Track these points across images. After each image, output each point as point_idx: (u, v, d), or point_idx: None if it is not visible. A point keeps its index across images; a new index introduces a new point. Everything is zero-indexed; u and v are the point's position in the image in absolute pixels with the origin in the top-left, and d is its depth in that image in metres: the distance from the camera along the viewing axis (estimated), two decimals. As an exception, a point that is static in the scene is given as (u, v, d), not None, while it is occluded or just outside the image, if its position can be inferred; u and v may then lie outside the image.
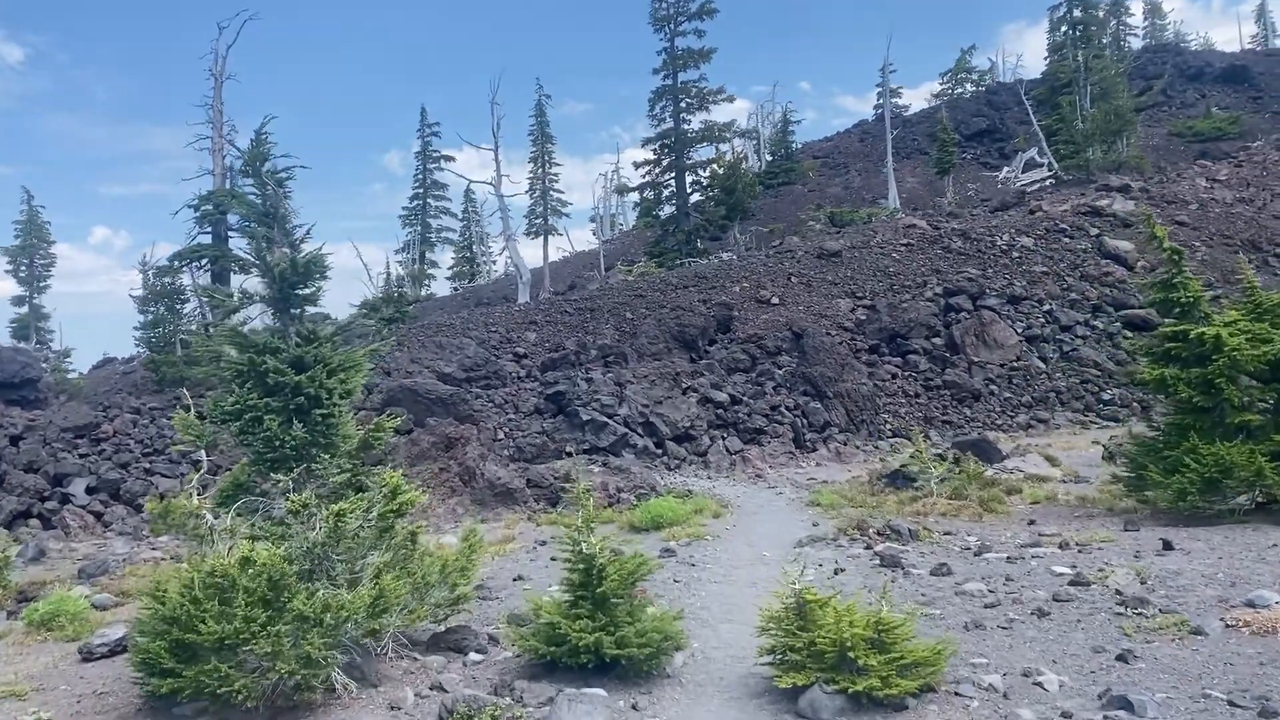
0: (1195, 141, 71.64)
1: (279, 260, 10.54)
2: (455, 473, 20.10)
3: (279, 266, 10.46)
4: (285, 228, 10.82)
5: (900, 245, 42.50)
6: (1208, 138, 71.50)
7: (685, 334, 34.87)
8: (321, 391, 10.23)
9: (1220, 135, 71.39)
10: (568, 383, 29.16)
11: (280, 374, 10.08)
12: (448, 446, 20.69)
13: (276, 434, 9.99)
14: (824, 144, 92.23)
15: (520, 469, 21.44)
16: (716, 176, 54.85)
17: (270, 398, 10.15)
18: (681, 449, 27.27)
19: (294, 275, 10.54)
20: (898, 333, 35.90)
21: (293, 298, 10.70)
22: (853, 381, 30.57)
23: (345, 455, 10.62)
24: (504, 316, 39.07)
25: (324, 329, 10.95)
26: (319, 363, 10.40)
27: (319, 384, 10.22)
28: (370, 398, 28.64)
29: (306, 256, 10.61)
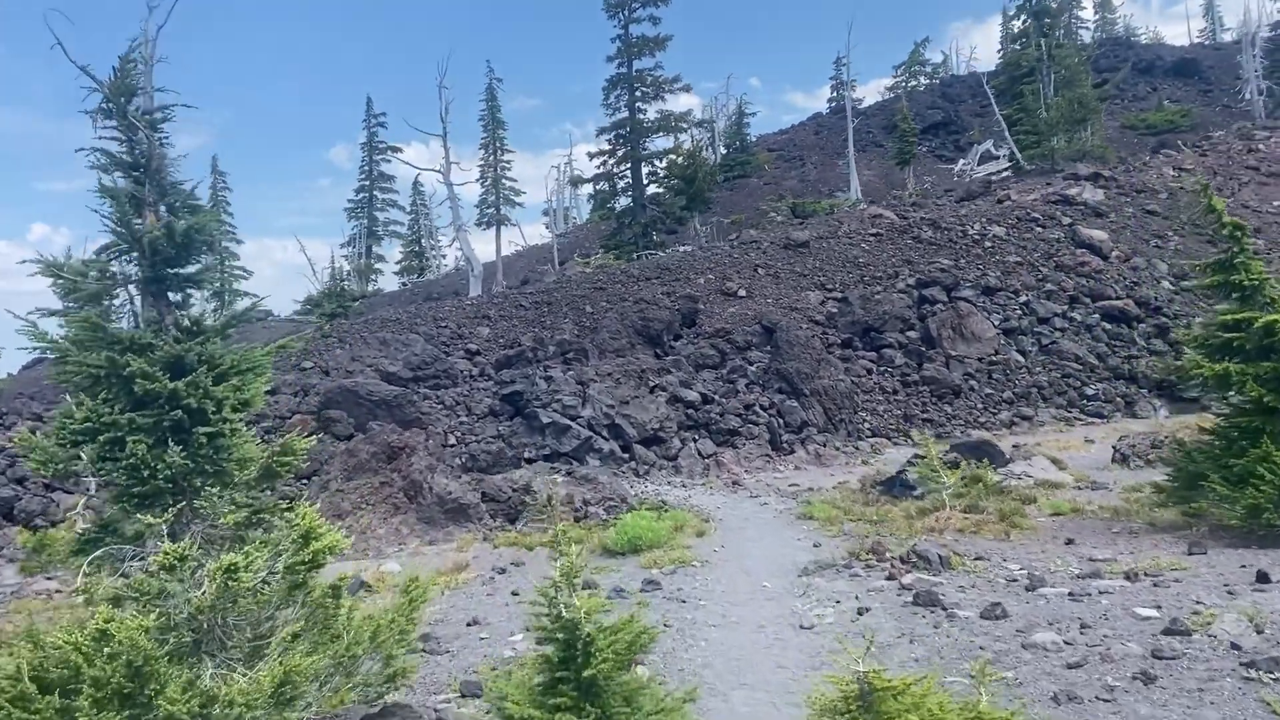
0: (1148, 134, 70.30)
1: (151, 228, 7.80)
2: (399, 487, 17.36)
3: (150, 236, 7.72)
4: (160, 184, 8.07)
5: (869, 235, 40.23)
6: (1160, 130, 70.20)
7: (649, 328, 32.29)
8: (207, 403, 7.51)
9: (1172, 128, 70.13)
10: (525, 382, 26.46)
11: (150, 380, 7.35)
12: (390, 457, 17.93)
13: (144, 460, 7.26)
14: (779, 137, 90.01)
15: (474, 480, 18.73)
16: (676, 166, 52.27)
17: (137, 412, 7.42)
18: (650, 453, 24.69)
19: (171, 247, 7.81)
20: (871, 326, 33.59)
21: (170, 278, 7.97)
22: (829, 378, 28.18)
23: (242, 486, 7.90)
24: (454, 311, 36.22)
25: (213, 320, 8.22)
26: (204, 363, 7.68)
27: (203, 392, 7.50)
28: (305, 401, 25.79)
29: (189, 224, 7.88)
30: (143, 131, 7.96)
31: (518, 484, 18.85)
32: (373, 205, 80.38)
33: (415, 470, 17.45)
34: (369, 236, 79.89)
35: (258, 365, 8.11)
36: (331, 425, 24.60)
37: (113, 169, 7.90)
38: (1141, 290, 36.93)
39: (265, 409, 25.21)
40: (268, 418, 25.12)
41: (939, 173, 73.91)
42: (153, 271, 7.81)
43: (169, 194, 8.09)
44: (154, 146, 8.01)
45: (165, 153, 8.19)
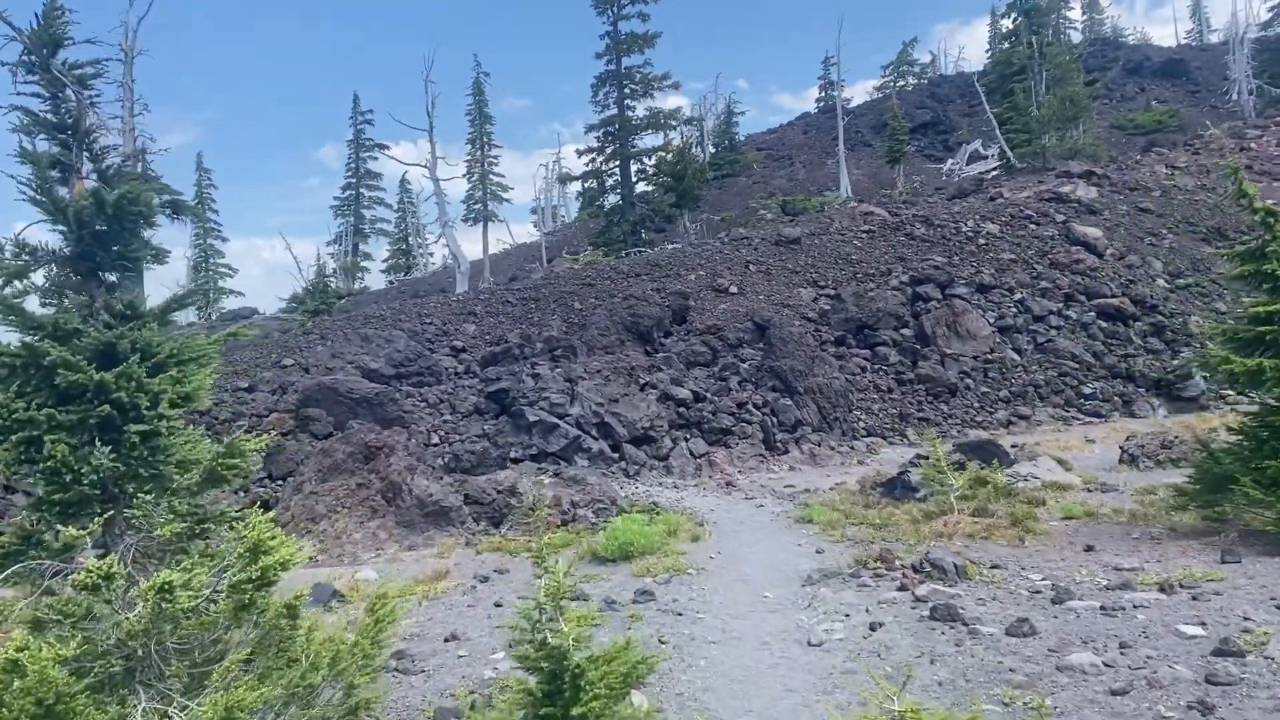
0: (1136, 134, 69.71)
1: (78, 198, 6.78)
2: (377, 489, 16.33)
3: (76, 206, 6.70)
4: (90, 149, 7.05)
5: (861, 232, 39.34)
6: (1148, 130, 69.62)
7: (639, 325, 31.32)
8: (140, 396, 6.49)
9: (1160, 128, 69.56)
10: (511, 379, 25.44)
11: (74, 370, 6.34)
12: (368, 457, 16.90)
13: (66, 462, 6.25)
14: (768, 136, 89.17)
15: (456, 481, 17.71)
16: (665, 163, 51.32)
17: (59, 407, 6.40)
18: (641, 452, 23.72)
19: (101, 220, 6.79)
20: (865, 323, 32.69)
21: (99, 255, 6.95)
22: (824, 376, 27.25)
23: (183, 492, 6.89)
24: (440, 307, 35.17)
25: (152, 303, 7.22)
26: (138, 352, 6.67)
27: (136, 385, 6.49)
28: (283, 399, 24.74)
29: (122, 193, 6.86)
30: (70, 88, 6.93)
31: (502, 485, 17.85)
32: (359, 203, 79.22)
33: (394, 471, 16.42)
34: (355, 234, 78.72)
35: (201, 355, 7.09)
36: (310, 424, 23.55)
37: (35, 130, 6.87)
38: (1137, 288, 36.14)
39: (243, 407, 24.19)
40: (244, 416, 24.07)
41: (927, 172, 73.13)
42: (79, 247, 6.78)
43: (100, 160, 7.05)
44: (83, 105, 6.98)
45: (98, 114, 7.16)
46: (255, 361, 29.59)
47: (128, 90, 46.78)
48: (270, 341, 32.70)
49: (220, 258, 79.62)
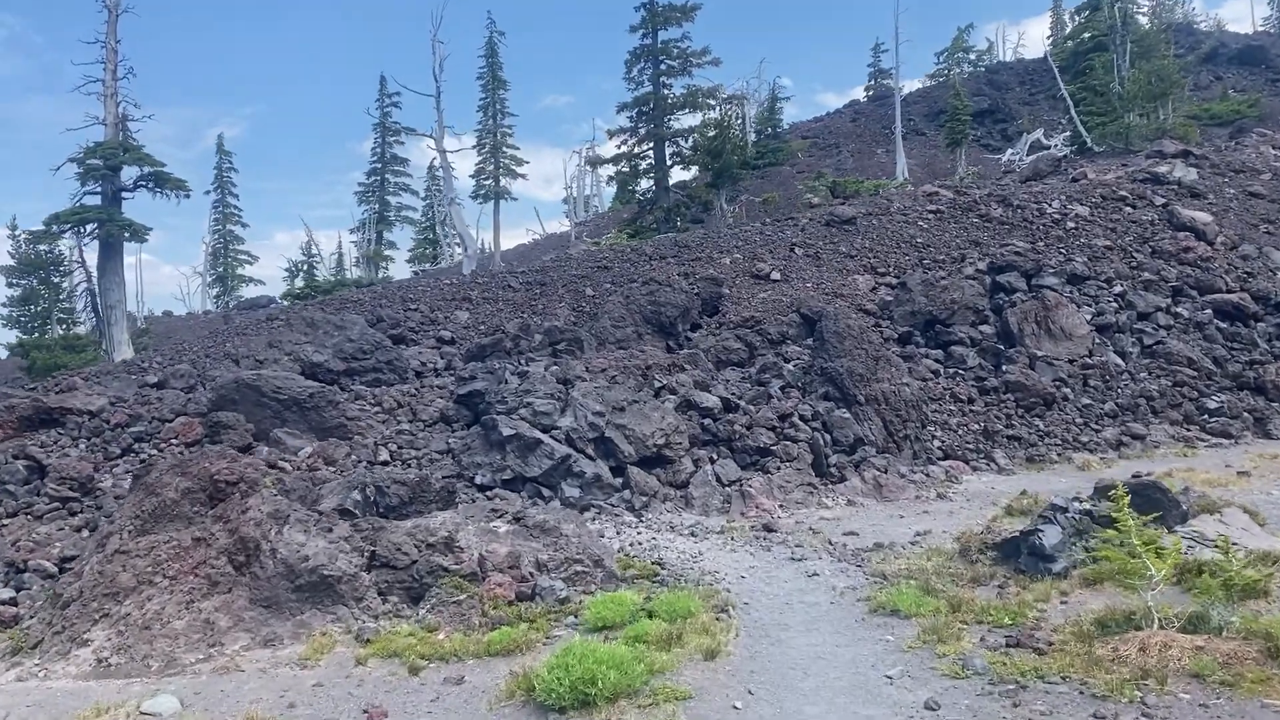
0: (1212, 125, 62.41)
1: None
2: (222, 547, 10.24)
3: None
4: None
5: (928, 212, 32.79)
6: (1226, 120, 62.22)
7: (661, 315, 25.09)
8: None
9: (1238, 117, 62.15)
10: (489, 379, 19.29)
11: None
12: (214, 496, 10.82)
13: None
14: (813, 124, 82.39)
15: (366, 532, 11.57)
16: (702, 137, 44.99)
17: None
18: (651, 478, 17.50)
19: None
20: (936, 317, 26.21)
21: None
22: (890, 381, 20.83)
23: None
24: (428, 291, 29.10)
25: None
26: None
27: None
28: (194, 399, 18.77)
29: None
30: None
31: (434, 537, 11.68)
32: (384, 189, 73.54)
33: (249, 520, 10.32)
34: (380, 222, 73.06)
35: None
36: (222, 432, 17.57)
37: None
38: (1257, 282, 29.36)
39: (142, 410, 18.26)
40: (142, 420, 18.14)
41: (984, 163, 66.12)
42: None
43: None
44: None
45: None
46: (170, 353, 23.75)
47: (111, 51, 41.28)
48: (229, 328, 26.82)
49: (240, 244, 74.50)
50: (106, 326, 39.44)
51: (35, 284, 39.47)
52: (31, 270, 39.44)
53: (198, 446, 17.68)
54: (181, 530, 10.39)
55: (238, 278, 73.13)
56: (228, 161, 74.30)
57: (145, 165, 39.75)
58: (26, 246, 40.16)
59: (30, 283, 39.47)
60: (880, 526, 15.91)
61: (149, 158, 39.86)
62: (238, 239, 74.39)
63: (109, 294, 39.63)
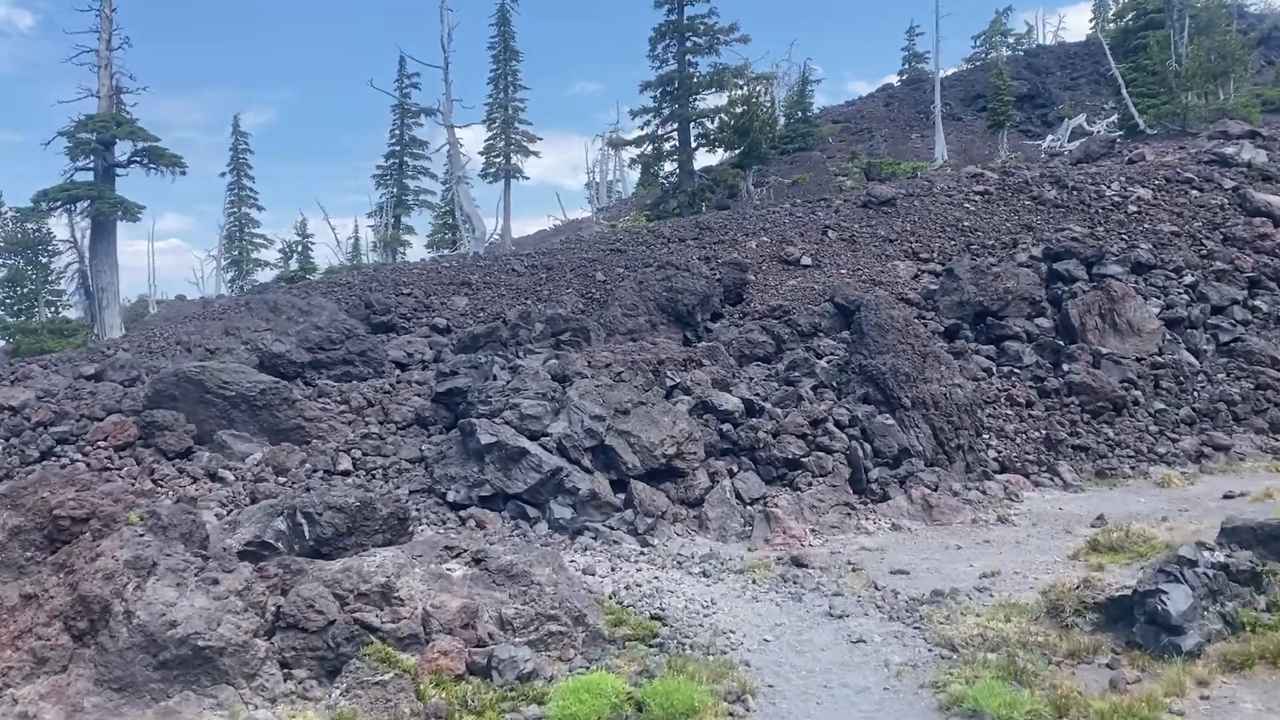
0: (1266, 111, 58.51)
1: None
2: (57, 609, 7.45)
3: None
4: None
5: (974, 194, 29.60)
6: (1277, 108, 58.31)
7: (678, 303, 22.14)
8: None
9: (1294, 104, 58.20)
10: (473, 374, 16.41)
11: None
12: (55, 539, 8.02)
13: None
14: (844, 108, 78.81)
15: (275, 579, 8.75)
16: (729, 113, 41.87)
17: None
18: (659, 495, 14.59)
19: None
20: (987, 309, 23.09)
21: None
22: (941, 381, 17.79)
23: None
24: (424, 275, 26.23)
25: None
26: None
27: None
28: (129, 394, 16.01)
29: None
30: None
31: (366, 585, 8.85)
32: (403, 172, 70.71)
33: (98, 572, 7.52)
34: (398, 206, 70.25)
35: None
36: (158, 434, 14.83)
37: None
38: (1343, 274, 26.06)
39: (70, 407, 15.53)
40: (68, 418, 15.42)
41: (1024, 149, 62.56)
42: None
43: None
44: None
45: None
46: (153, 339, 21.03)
47: (105, 19, 38.60)
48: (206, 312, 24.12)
49: (255, 227, 72.00)
50: (98, 309, 36.94)
51: (22, 264, 37.08)
52: (18, 250, 37.04)
53: (130, 450, 14.95)
54: (7, 584, 7.58)
55: (253, 261, 70.67)
56: (243, 143, 71.74)
57: (139, 140, 37.12)
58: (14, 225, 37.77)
59: (17, 263, 37.09)
60: (935, 561, 12.93)
61: (143, 131, 37.23)
62: (253, 222, 71.88)
63: (101, 275, 37.09)
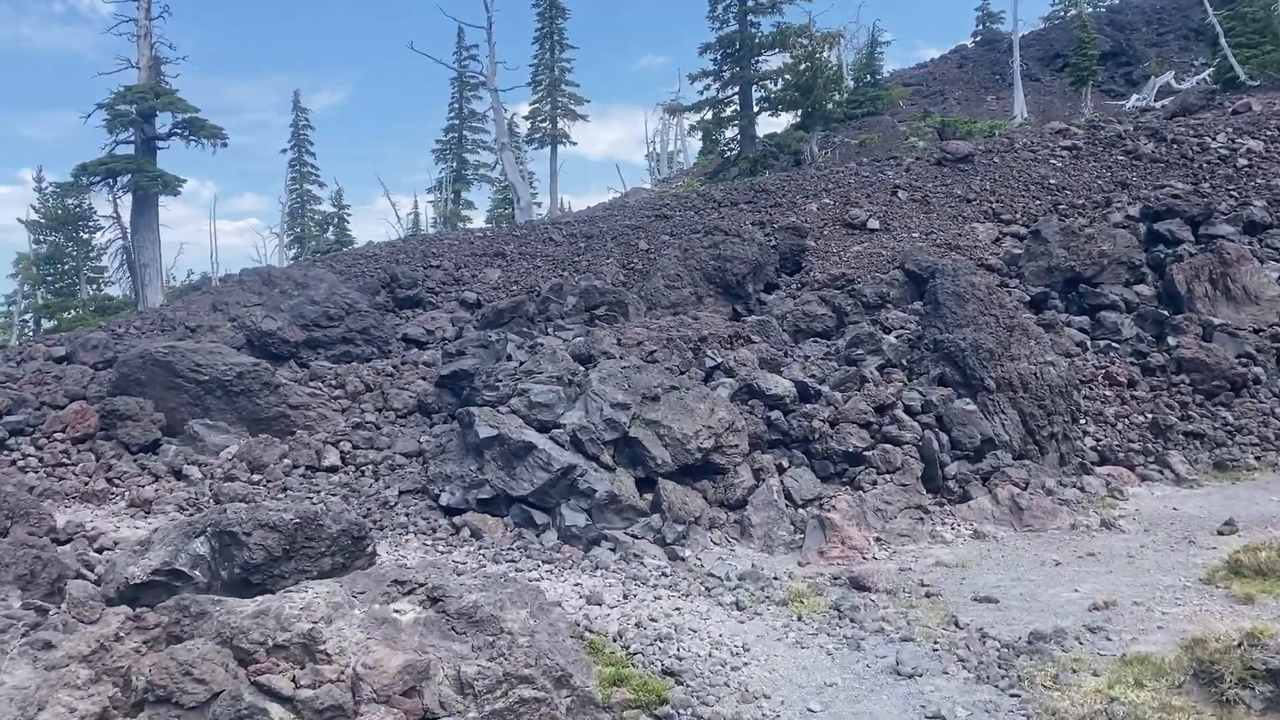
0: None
1: None
2: None
3: None
4: None
5: (1060, 149, 26.43)
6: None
7: (726, 272, 19.59)
8: None
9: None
10: (482, 354, 14.09)
11: None
12: None
13: None
14: (916, 71, 74.84)
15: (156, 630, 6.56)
16: (791, 70, 38.90)
17: None
18: (693, 496, 12.16)
19: None
20: (1079, 275, 20.13)
21: None
22: (1030, 359, 15.00)
23: None
24: (455, 246, 24.00)
25: None
26: None
27: None
28: (97, 378, 14.01)
29: None
30: None
31: (285, 634, 6.64)
32: (462, 146, 68.80)
33: None
34: (457, 180, 68.44)
35: None
36: (121, 424, 12.81)
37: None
38: None
39: (30, 393, 13.59)
40: (26, 406, 13.47)
41: (1106, 109, 58.48)
42: None
43: None
44: None
45: None
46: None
47: (144, 30, 36.99)
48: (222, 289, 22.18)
49: (316, 204, 70.87)
50: (141, 286, 35.54)
51: (63, 241, 35.79)
52: (59, 226, 35.73)
53: (89, 442, 12.95)
54: None
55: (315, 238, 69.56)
56: (304, 119, 70.48)
57: (178, 111, 35.49)
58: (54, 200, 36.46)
59: (57, 239, 35.81)
60: (1029, 583, 10.32)
61: (182, 103, 35.57)
62: (314, 199, 70.76)
63: (143, 251, 35.69)
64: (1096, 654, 8.02)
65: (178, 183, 35.62)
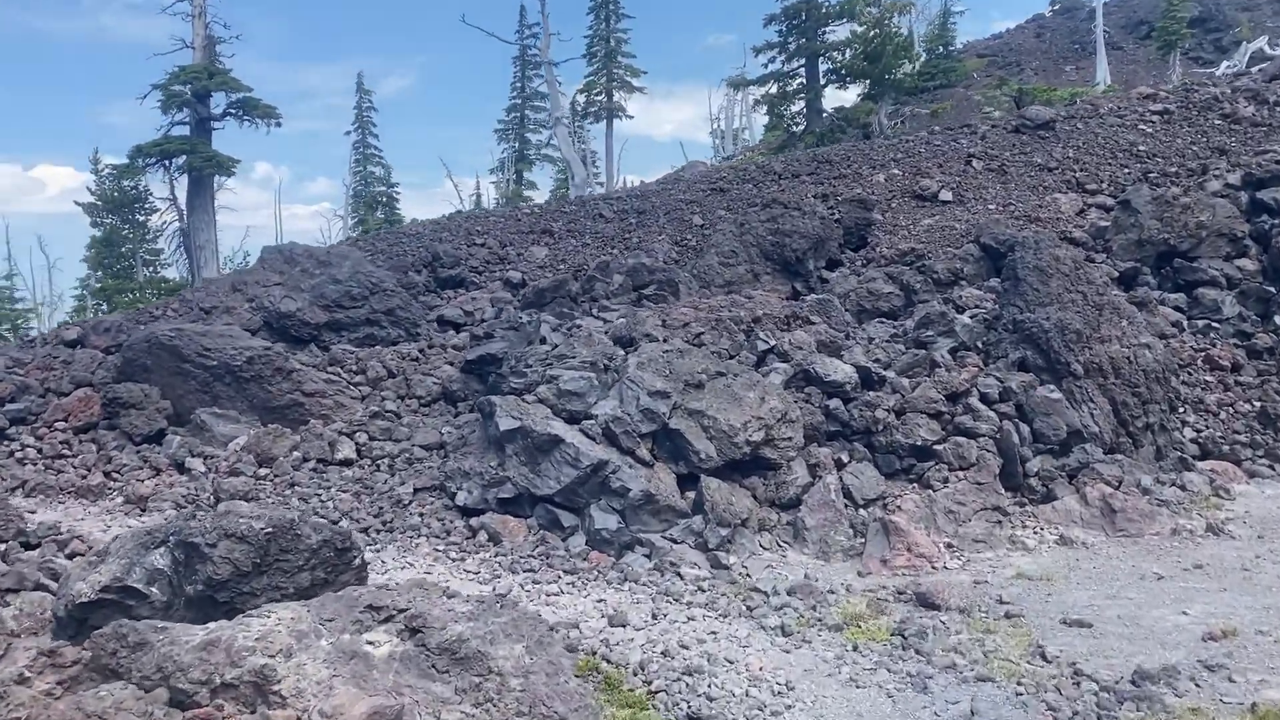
0: None
1: None
2: None
3: None
4: None
5: (1151, 114, 24.36)
6: None
7: (785, 248, 18.14)
8: None
9: None
10: (513, 336, 12.89)
11: None
12: None
13: None
14: (991, 42, 71.90)
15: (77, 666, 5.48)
16: (857, 38, 37.01)
17: None
18: (740, 495, 10.84)
19: None
20: (1173, 248, 18.28)
21: None
22: (1123, 340, 13.35)
23: None
24: (500, 223, 22.87)
25: None
26: None
27: None
28: (105, 364, 13.12)
29: None
30: None
31: (234, 670, 5.54)
32: (524, 126, 67.78)
33: None
34: (519, 160, 67.46)
35: None
36: (124, 412, 11.89)
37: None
38: None
39: (36, 379, 12.74)
40: (30, 393, 12.64)
41: (1194, 77, 55.39)
42: None
43: None
44: None
45: None
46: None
47: (200, 21, 36.40)
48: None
49: (391, 186, 70.62)
50: (197, 269, 35.13)
51: (118, 223, 35.52)
52: (115, 209, 35.45)
53: (91, 432, 12.05)
54: None
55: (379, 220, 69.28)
56: (367, 101, 70.07)
57: (232, 90, 34.89)
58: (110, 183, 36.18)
59: (113, 222, 35.55)
60: (1128, 601, 8.82)
61: (236, 82, 34.95)
62: (378, 181, 70.43)
63: (198, 233, 35.24)
64: (1218, 700, 6.56)
65: (232, 163, 35.08)
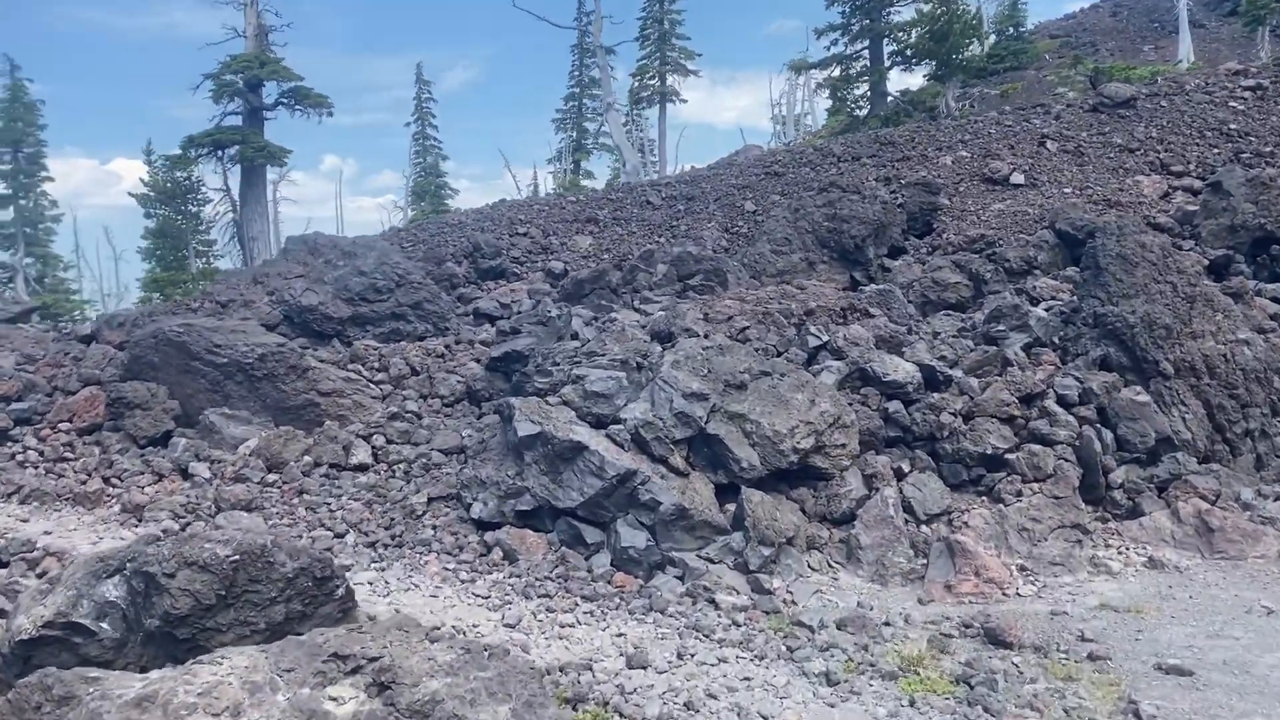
0: None
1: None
2: None
3: None
4: None
5: (1242, 89, 22.55)
6: None
7: (843, 235, 16.89)
8: None
9: None
10: (541, 331, 11.91)
11: None
12: None
13: None
14: (1064, 22, 69.19)
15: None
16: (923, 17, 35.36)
17: None
18: (786, 509, 9.73)
19: None
20: (1271, 234, 16.66)
21: None
22: (1218, 336, 11.95)
23: None
24: (544, 212, 21.90)
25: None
26: None
27: None
28: (112, 362, 12.39)
29: None
30: None
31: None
32: (582, 115, 66.93)
33: None
34: (576, 150, 66.62)
35: None
36: (128, 413, 11.14)
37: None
38: None
39: (44, 376, 12.09)
40: (37, 391, 11.97)
41: None
42: None
43: None
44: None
45: None
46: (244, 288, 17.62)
47: (252, 9, 35.98)
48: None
49: (439, 176, 70.29)
50: (250, 259, 34.82)
51: (171, 214, 35.36)
52: (168, 199, 35.29)
53: (96, 433, 11.33)
54: None
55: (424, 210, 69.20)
56: (426, 92, 69.81)
57: (284, 79, 34.46)
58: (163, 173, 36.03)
59: (166, 213, 35.40)
60: (1233, 644, 7.55)
61: (288, 71, 34.51)
62: (438, 172, 70.23)
63: (251, 224, 34.94)
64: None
65: (283, 154, 34.70)
